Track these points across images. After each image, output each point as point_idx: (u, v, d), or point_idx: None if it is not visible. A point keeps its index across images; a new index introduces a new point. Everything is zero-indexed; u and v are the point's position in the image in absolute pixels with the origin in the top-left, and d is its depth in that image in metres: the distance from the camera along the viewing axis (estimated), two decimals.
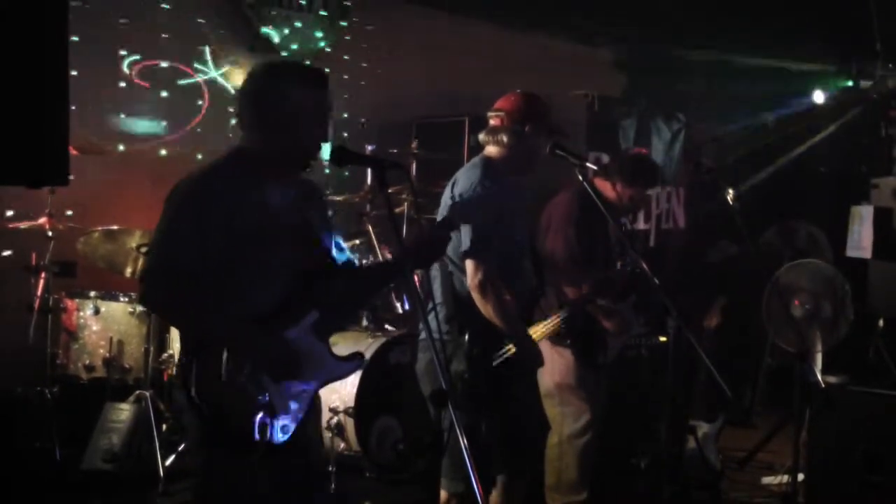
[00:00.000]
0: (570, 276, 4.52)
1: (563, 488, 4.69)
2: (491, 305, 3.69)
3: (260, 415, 2.81)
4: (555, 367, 4.59)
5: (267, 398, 2.83)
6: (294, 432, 2.91)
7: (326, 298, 3.01)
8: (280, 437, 2.86)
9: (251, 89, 2.97)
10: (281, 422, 2.86)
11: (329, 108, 3.01)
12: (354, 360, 3.16)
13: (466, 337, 3.69)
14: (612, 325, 4.71)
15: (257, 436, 2.80)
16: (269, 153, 2.96)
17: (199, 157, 6.37)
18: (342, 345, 5.01)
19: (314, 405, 3.07)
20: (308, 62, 6.69)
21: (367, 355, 5.22)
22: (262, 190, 2.93)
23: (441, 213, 3.90)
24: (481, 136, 3.98)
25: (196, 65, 6.59)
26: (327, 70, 3.16)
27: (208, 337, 2.85)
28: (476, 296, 3.70)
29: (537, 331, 4.10)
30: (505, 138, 3.88)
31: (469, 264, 3.70)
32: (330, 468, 4.99)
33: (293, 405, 2.91)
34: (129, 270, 5.70)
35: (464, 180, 3.81)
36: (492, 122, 3.96)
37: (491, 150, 3.95)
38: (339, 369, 3.12)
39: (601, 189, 4.70)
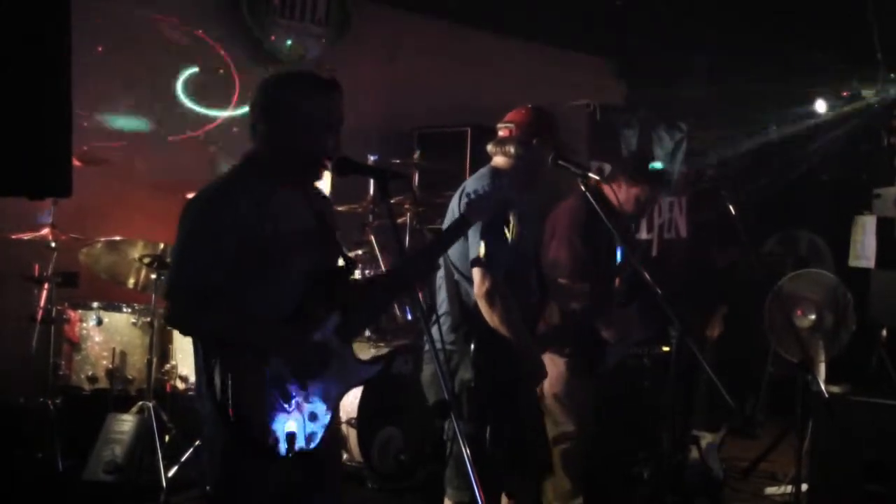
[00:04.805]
0: (574, 286, 4.48)
1: (558, 495, 4.67)
2: (497, 315, 3.69)
3: (286, 423, 2.79)
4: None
5: (293, 406, 2.82)
6: (322, 439, 2.88)
7: (347, 300, 3.00)
8: (305, 444, 2.83)
9: (260, 99, 2.98)
10: (307, 429, 2.84)
11: (340, 116, 2.98)
12: (378, 364, 3.13)
13: (472, 346, 3.69)
14: (610, 333, 4.69)
15: (284, 444, 2.77)
16: (281, 162, 2.96)
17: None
18: None
19: (338, 411, 3.04)
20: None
21: None
22: (276, 196, 2.92)
23: (447, 221, 3.90)
24: (489, 147, 4.00)
25: None
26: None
27: (240, 344, 2.80)
28: (483, 305, 3.69)
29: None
30: (512, 149, 3.90)
31: (476, 273, 3.70)
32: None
33: (319, 411, 2.89)
34: (131, 281, 5.71)
35: (472, 188, 3.80)
36: (500, 133, 3.98)
37: (499, 160, 3.96)
38: (364, 372, 3.10)
39: (608, 196, 4.61)
